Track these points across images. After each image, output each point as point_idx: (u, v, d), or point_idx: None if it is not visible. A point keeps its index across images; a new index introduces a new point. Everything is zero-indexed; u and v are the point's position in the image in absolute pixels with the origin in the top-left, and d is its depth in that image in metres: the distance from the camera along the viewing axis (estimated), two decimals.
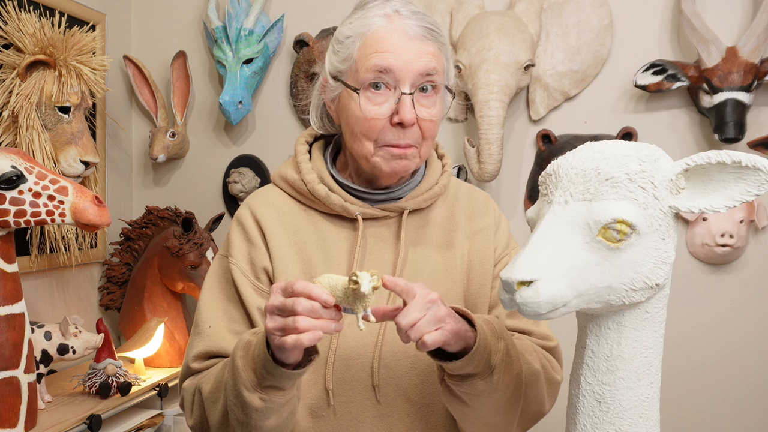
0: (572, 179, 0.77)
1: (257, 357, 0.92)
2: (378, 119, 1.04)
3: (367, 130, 1.05)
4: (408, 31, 1.04)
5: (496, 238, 1.18)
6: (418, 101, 1.04)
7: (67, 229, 2.03)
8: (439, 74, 1.06)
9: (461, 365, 0.94)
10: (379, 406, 1.09)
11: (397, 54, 1.02)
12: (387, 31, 1.04)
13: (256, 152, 2.42)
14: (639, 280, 0.76)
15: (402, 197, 1.15)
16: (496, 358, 0.97)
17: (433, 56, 1.05)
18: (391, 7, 1.06)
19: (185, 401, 1.09)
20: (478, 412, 1.02)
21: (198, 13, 2.48)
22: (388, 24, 1.04)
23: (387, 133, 1.04)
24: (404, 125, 1.03)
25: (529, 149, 2.18)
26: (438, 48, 1.07)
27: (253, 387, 0.93)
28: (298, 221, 1.14)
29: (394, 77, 1.03)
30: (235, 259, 1.12)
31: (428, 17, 1.08)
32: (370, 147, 1.06)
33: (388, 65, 1.02)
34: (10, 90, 1.83)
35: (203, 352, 1.09)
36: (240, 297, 1.10)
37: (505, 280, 0.75)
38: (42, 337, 1.72)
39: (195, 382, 1.07)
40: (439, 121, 1.08)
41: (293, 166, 1.17)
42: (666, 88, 1.94)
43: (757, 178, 0.72)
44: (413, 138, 1.06)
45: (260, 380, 0.93)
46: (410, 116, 1.02)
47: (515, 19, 2.02)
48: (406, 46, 1.03)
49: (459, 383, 0.97)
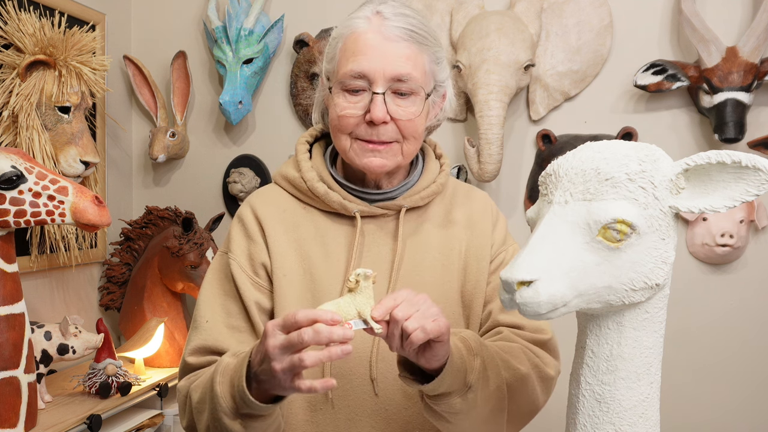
0: (572, 179, 0.77)
1: (236, 386, 0.93)
2: (351, 117, 1.07)
3: (342, 125, 1.08)
4: (384, 32, 1.05)
5: (493, 235, 1.19)
6: (393, 100, 1.06)
7: (67, 229, 2.03)
8: (413, 79, 1.06)
9: (435, 386, 0.94)
10: (377, 399, 1.09)
11: (371, 56, 1.05)
12: (364, 33, 1.06)
13: (256, 152, 2.42)
14: (639, 280, 0.76)
15: (399, 196, 1.16)
16: (472, 377, 0.97)
17: (407, 59, 1.05)
18: (373, 9, 1.08)
19: (179, 401, 1.11)
20: (461, 427, 1.02)
21: (198, 13, 2.48)
22: (367, 26, 1.07)
23: (361, 129, 1.07)
24: (374, 123, 1.05)
25: (529, 149, 2.18)
26: (417, 49, 1.07)
27: (232, 414, 0.94)
28: (298, 218, 1.15)
29: (368, 79, 1.05)
30: (234, 254, 1.14)
31: (414, 18, 1.08)
32: (346, 141, 1.09)
33: (361, 70, 1.05)
34: (10, 90, 1.83)
35: (200, 346, 1.10)
36: (238, 291, 1.11)
37: (505, 280, 0.75)
38: (42, 337, 1.72)
39: (187, 385, 1.08)
40: (419, 120, 1.09)
41: (294, 165, 1.19)
42: (666, 88, 1.94)
43: (757, 178, 0.72)
44: (389, 135, 1.07)
45: (239, 407, 0.93)
46: (379, 115, 1.04)
47: (515, 19, 2.02)
48: (380, 48, 1.05)
49: (437, 402, 0.98)
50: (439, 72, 1.12)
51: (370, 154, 1.08)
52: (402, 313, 0.88)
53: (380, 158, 1.08)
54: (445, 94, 1.17)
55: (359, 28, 1.07)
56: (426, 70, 1.09)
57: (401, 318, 0.87)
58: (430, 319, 0.88)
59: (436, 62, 1.11)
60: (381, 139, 1.07)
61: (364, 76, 1.05)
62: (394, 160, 1.10)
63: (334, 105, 1.08)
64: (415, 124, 1.08)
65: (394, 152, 1.09)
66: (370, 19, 1.07)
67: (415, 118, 1.07)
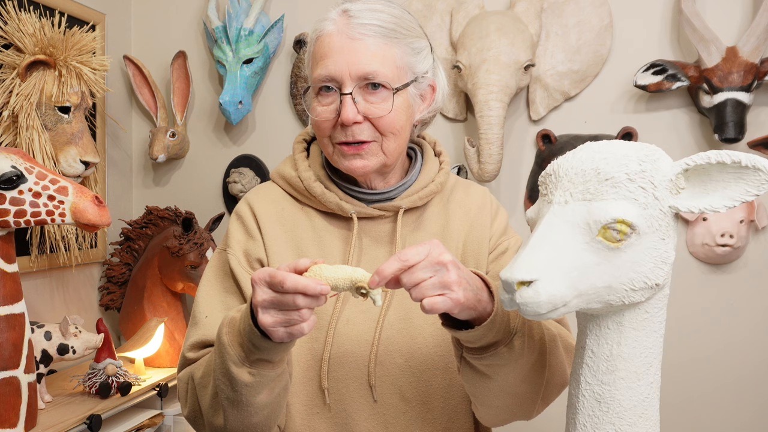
0: (572, 179, 0.77)
1: (243, 331, 0.91)
2: (326, 120, 1.07)
3: (319, 128, 1.09)
4: (348, 33, 1.04)
5: (492, 229, 1.17)
6: (365, 98, 1.05)
7: (67, 229, 2.03)
8: (381, 75, 1.04)
9: (480, 334, 0.91)
10: (376, 405, 1.09)
11: (336, 59, 1.04)
12: (329, 35, 1.06)
13: (256, 152, 2.42)
14: (639, 280, 0.76)
15: (397, 197, 1.15)
16: (516, 322, 0.94)
17: (372, 56, 1.04)
18: (340, 9, 1.07)
19: (180, 391, 1.09)
20: (503, 384, 0.98)
21: (198, 13, 2.48)
22: (333, 27, 1.06)
23: (337, 132, 1.07)
24: (346, 124, 1.04)
25: (529, 149, 2.18)
26: (386, 44, 1.05)
27: (241, 362, 0.92)
28: (296, 218, 1.15)
29: (336, 81, 1.05)
30: (233, 250, 1.13)
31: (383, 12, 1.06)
32: (328, 145, 1.10)
33: (328, 73, 1.04)
34: (10, 90, 1.83)
35: (199, 341, 1.09)
36: (239, 287, 1.11)
37: (505, 280, 0.75)
38: (42, 337, 1.72)
39: (189, 371, 1.07)
40: (396, 115, 1.06)
41: (291, 164, 1.18)
42: (666, 88, 1.94)
43: (757, 178, 0.72)
44: (365, 135, 1.06)
45: (248, 354, 0.91)
46: (348, 116, 1.03)
47: (515, 19, 2.02)
48: (345, 49, 1.04)
49: (480, 356, 0.95)
50: (418, 63, 1.09)
51: (351, 158, 1.07)
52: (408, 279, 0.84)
53: (360, 160, 1.07)
54: (434, 85, 1.13)
55: (325, 30, 1.06)
56: (398, 64, 1.06)
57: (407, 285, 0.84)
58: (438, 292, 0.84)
59: (413, 53, 1.08)
60: (357, 139, 1.06)
61: (332, 79, 1.04)
62: (376, 159, 1.08)
63: (312, 110, 1.09)
64: (390, 120, 1.06)
65: (374, 152, 1.07)
66: (336, 21, 1.06)
67: (387, 114, 1.05)
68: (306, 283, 0.82)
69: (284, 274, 0.83)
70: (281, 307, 0.85)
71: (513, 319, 0.94)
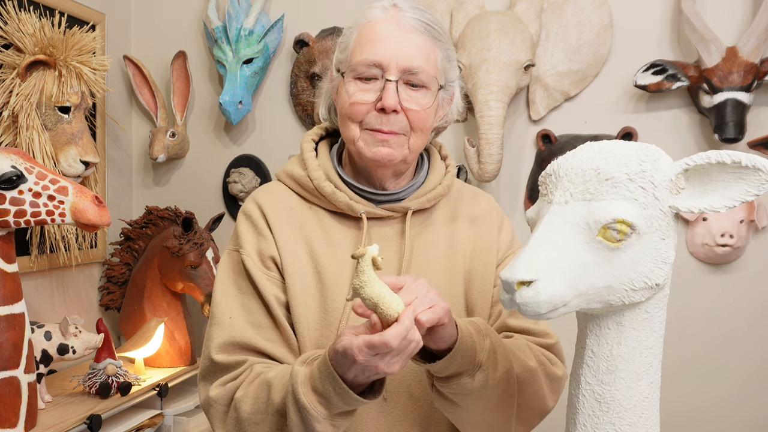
0: (572, 179, 0.77)
1: (331, 390, 0.91)
2: (363, 104, 1.07)
3: (352, 113, 1.08)
4: (400, 23, 1.07)
5: (499, 240, 1.19)
6: (405, 90, 1.06)
7: (67, 229, 2.03)
8: (425, 71, 1.07)
9: (446, 365, 0.95)
10: (384, 403, 1.09)
11: (386, 44, 1.05)
12: (380, 22, 1.07)
13: (256, 152, 2.42)
14: (639, 280, 0.76)
15: (405, 198, 1.15)
16: (482, 356, 0.98)
17: (420, 50, 1.06)
18: (390, 1, 1.10)
19: (215, 411, 1.06)
20: (470, 412, 1.02)
21: (198, 13, 2.48)
22: (384, 15, 1.08)
23: (371, 117, 1.07)
24: (386, 110, 1.05)
25: (529, 149, 2.18)
26: (432, 43, 1.08)
27: (324, 418, 0.93)
28: (304, 217, 1.15)
29: (382, 68, 1.06)
30: (246, 250, 1.12)
31: (429, 14, 1.10)
32: (356, 130, 1.09)
33: (376, 58, 1.05)
34: (10, 90, 1.83)
35: (227, 342, 1.07)
36: (256, 288, 1.10)
37: (504, 280, 0.75)
38: (42, 337, 1.72)
39: (228, 395, 1.05)
40: (428, 113, 1.09)
41: (300, 163, 1.18)
42: (666, 88, 1.94)
43: (757, 178, 0.72)
44: (398, 126, 1.07)
45: (333, 409, 0.93)
46: (391, 102, 1.04)
47: (515, 19, 2.02)
48: (395, 37, 1.06)
49: (446, 384, 0.98)
50: (450, 70, 1.13)
51: (380, 144, 1.07)
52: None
53: (388, 148, 1.08)
54: (453, 96, 1.17)
55: (375, 17, 1.08)
56: (438, 65, 1.10)
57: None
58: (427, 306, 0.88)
59: (448, 60, 1.12)
60: (391, 129, 1.07)
61: (378, 64, 1.05)
62: (401, 151, 1.09)
63: (346, 92, 1.08)
64: (425, 116, 1.08)
65: (402, 143, 1.08)
66: (387, 10, 1.08)
67: (425, 109, 1.08)
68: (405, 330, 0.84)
69: (382, 340, 0.83)
70: (396, 354, 0.86)
71: (479, 353, 0.98)
